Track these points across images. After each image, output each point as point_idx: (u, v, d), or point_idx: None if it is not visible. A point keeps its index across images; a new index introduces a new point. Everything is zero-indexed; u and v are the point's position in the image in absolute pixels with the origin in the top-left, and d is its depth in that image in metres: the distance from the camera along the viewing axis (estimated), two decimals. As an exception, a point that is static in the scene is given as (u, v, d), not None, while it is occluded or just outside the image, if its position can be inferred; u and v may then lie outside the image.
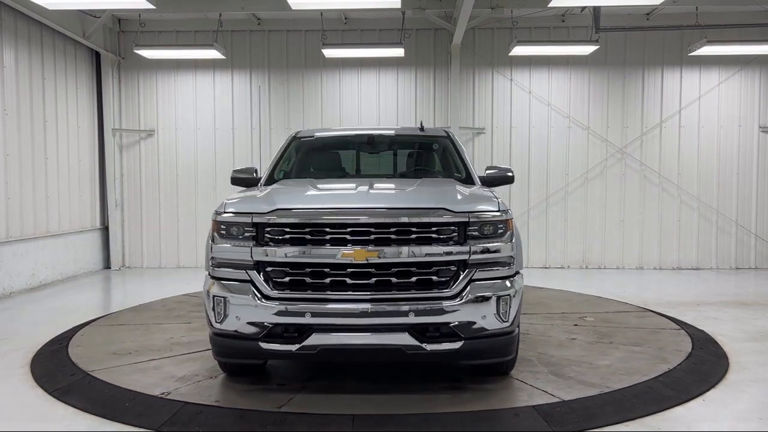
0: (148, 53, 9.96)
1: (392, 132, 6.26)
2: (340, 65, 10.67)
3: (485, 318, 3.85)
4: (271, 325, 3.82)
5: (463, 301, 3.83)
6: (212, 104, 10.82)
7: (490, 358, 4.14)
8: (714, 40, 9.54)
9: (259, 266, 3.90)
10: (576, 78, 10.67)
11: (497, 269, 3.96)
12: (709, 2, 9.45)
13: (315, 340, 3.79)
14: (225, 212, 4.03)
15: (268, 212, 3.92)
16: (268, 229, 3.90)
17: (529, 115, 10.69)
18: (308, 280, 3.87)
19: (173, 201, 10.90)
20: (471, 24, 9.66)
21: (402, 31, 9.89)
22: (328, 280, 3.86)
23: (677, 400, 4.14)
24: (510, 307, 3.93)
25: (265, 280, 3.89)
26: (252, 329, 3.85)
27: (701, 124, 10.62)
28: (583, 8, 9.78)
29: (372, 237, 3.83)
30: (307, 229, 3.86)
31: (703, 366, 4.89)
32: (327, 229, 3.84)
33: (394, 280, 3.85)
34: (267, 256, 3.87)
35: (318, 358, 3.92)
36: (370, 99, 10.76)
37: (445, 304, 3.82)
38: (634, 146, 10.64)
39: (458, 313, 3.81)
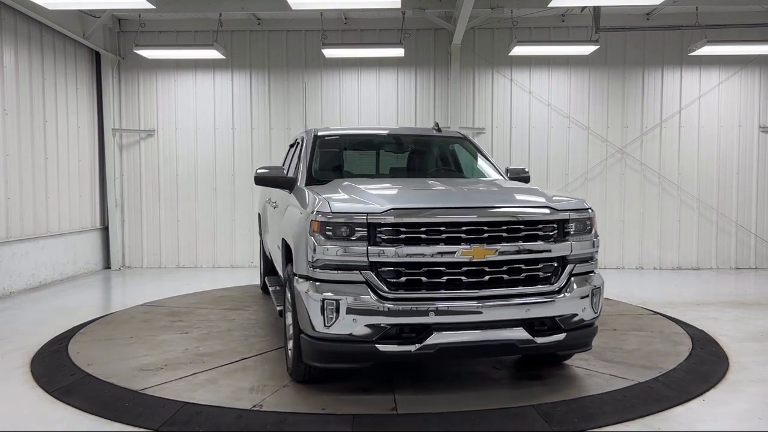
0: (148, 53, 9.96)
1: (415, 132, 6.37)
2: (340, 65, 10.67)
3: (585, 310, 4.09)
4: (388, 327, 3.75)
5: (568, 295, 4.03)
6: (212, 104, 10.82)
7: (580, 347, 4.31)
8: (714, 40, 9.54)
9: (372, 267, 3.82)
10: (576, 78, 10.67)
11: (588, 264, 4.23)
12: (709, 2, 9.45)
13: (435, 339, 3.78)
14: (333, 212, 3.85)
15: (383, 212, 3.83)
16: (383, 228, 3.82)
17: (529, 115, 10.69)
18: (424, 279, 3.83)
19: (173, 201, 10.90)
20: (471, 24, 9.67)
21: (402, 31, 9.89)
22: (444, 279, 3.85)
23: (677, 400, 4.15)
24: (600, 298, 4.22)
25: (380, 281, 3.83)
26: (367, 331, 3.75)
27: (701, 124, 10.62)
28: (583, 8, 9.78)
29: (485, 235, 3.89)
30: (423, 229, 3.83)
31: (703, 366, 4.89)
32: (443, 228, 3.84)
33: (505, 277, 3.93)
34: (384, 256, 3.79)
35: (434, 357, 3.88)
36: (370, 99, 10.75)
37: (552, 298, 3.99)
38: (634, 146, 10.64)
39: (564, 306, 4.00)
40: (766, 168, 10.64)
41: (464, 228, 3.87)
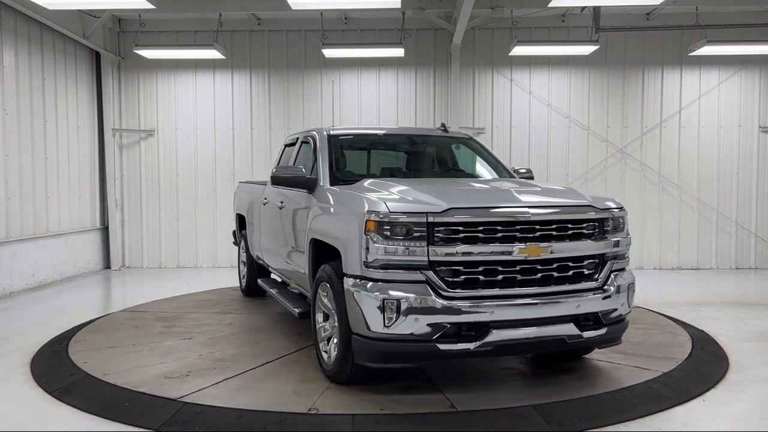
0: (148, 53, 9.96)
1: (426, 133, 6.44)
2: (340, 65, 10.66)
3: (623, 305, 4.28)
4: (448, 325, 3.79)
5: (610, 291, 4.20)
6: (212, 104, 10.82)
7: (614, 341, 4.44)
8: (714, 40, 9.54)
9: (431, 266, 3.83)
10: (576, 78, 10.67)
11: (623, 261, 4.41)
12: (709, 2, 9.45)
13: (494, 336, 3.84)
14: (391, 212, 3.85)
15: (442, 211, 3.86)
16: (442, 228, 3.84)
17: (529, 115, 10.69)
18: (482, 278, 3.89)
19: (173, 201, 10.90)
20: (471, 24, 9.66)
21: (402, 31, 9.89)
22: (500, 277, 3.92)
23: (677, 400, 4.15)
24: (633, 294, 4.44)
25: (440, 280, 3.84)
26: (428, 330, 3.77)
27: (701, 124, 10.62)
28: (583, 8, 9.78)
29: (538, 234, 3.98)
30: (480, 228, 3.88)
31: (703, 366, 4.89)
32: (499, 227, 3.91)
33: (555, 274, 4.04)
34: (445, 255, 3.82)
35: (490, 354, 3.95)
36: (370, 99, 10.75)
37: (596, 294, 4.15)
38: (634, 146, 10.64)
39: (607, 302, 4.17)
40: (766, 168, 10.64)
41: (518, 227, 3.95)
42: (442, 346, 3.80)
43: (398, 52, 9.66)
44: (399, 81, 10.73)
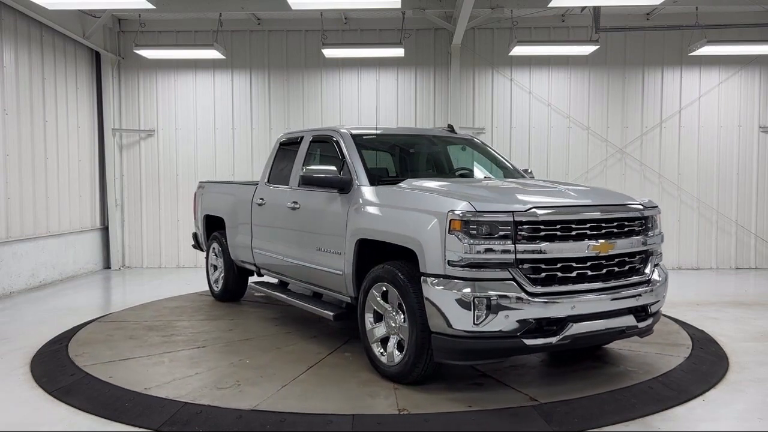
0: (148, 53, 9.96)
1: (437, 134, 6.58)
2: (340, 65, 10.67)
3: (663, 296, 4.59)
4: (533, 321, 3.89)
5: (657, 283, 4.48)
6: (212, 104, 10.82)
7: (651, 331, 4.64)
8: (714, 40, 9.54)
9: (516, 263, 3.92)
10: (576, 78, 10.67)
11: (659, 256, 4.68)
12: (709, 2, 9.45)
13: (573, 330, 3.98)
14: (478, 211, 3.90)
15: (526, 210, 3.97)
16: (525, 226, 3.95)
17: (529, 115, 10.69)
18: (560, 274, 4.04)
19: (173, 201, 10.90)
20: (471, 24, 9.67)
21: (402, 31, 9.89)
22: (575, 273, 4.09)
23: (677, 400, 4.15)
24: (667, 286, 4.70)
25: (525, 277, 3.93)
26: (515, 326, 3.87)
27: (701, 124, 10.62)
28: (583, 8, 9.78)
29: (603, 231, 4.20)
30: (558, 226, 4.04)
31: (703, 366, 4.89)
32: (573, 225, 4.09)
33: (616, 269, 4.27)
34: (530, 253, 3.94)
35: (566, 347, 4.10)
36: (370, 99, 10.75)
37: (647, 286, 4.39)
38: (634, 146, 10.64)
39: (654, 294, 4.43)
40: (766, 168, 10.64)
41: (589, 225, 4.15)
42: (527, 341, 3.90)
43: (398, 52, 9.66)
44: (399, 81, 10.73)
